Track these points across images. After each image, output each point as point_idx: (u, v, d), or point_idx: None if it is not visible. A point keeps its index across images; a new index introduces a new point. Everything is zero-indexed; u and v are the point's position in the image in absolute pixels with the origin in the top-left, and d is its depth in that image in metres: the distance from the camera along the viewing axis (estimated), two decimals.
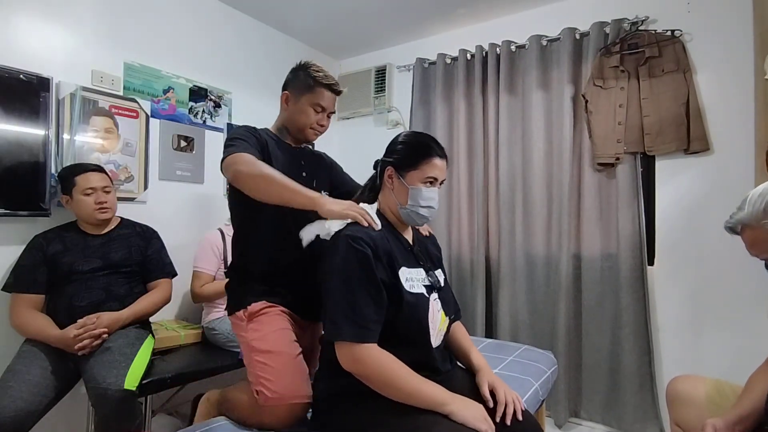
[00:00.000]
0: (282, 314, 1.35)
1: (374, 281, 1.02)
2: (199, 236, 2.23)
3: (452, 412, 0.96)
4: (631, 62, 2.21)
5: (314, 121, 1.43)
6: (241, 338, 1.35)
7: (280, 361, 1.25)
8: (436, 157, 1.15)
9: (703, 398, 1.24)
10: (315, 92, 1.41)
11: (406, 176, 1.15)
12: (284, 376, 1.23)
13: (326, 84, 1.42)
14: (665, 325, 2.21)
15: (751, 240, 1.07)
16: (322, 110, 1.44)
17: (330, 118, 1.49)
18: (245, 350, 1.33)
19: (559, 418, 2.29)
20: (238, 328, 1.37)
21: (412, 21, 2.77)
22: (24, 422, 1.35)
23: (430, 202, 1.15)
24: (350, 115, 3.22)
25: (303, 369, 1.28)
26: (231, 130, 1.43)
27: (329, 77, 1.44)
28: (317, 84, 1.41)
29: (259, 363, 1.25)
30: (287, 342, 1.30)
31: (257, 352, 1.27)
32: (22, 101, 1.70)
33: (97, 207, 1.69)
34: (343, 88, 1.49)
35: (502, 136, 2.58)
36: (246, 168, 1.22)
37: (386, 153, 1.22)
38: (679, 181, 2.18)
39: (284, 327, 1.33)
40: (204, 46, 2.46)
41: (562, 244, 2.35)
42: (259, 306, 1.33)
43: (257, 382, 1.23)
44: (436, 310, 1.14)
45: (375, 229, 1.10)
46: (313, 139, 1.49)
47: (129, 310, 1.68)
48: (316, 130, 1.46)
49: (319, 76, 1.42)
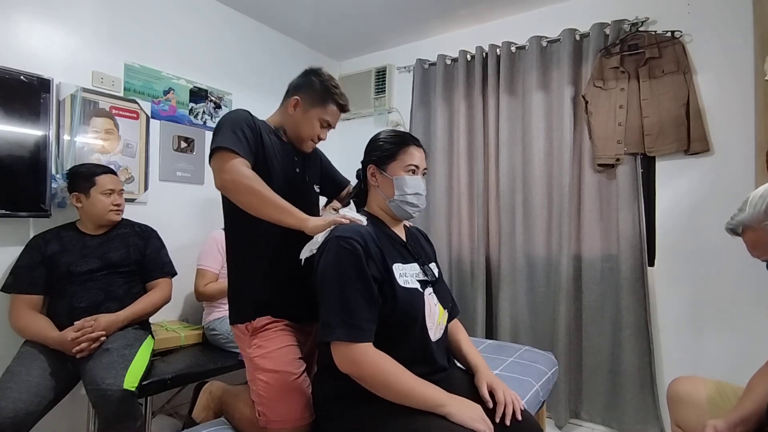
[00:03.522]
0: (286, 329, 1.31)
1: (366, 280, 1.02)
2: (199, 237, 2.23)
3: (450, 413, 0.96)
4: (631, 63, 2.21)
5: (317, 134, 1.40)
6: (244, 352, 1.32)
7: (283, 381, 1.22)
8: (413, 145, 1.19)
9: (703, 399, 1.24)
10: (327, 108, 1.37)
11: (387, 169, 1.17)
12: (287, 400, 1.21)
13: (340, 103, 1.39)
14: (666, 325, 2.20)
15: (752, 241, 1.07)
16: (327, 126, 1.41)
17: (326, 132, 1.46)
18: (248, 365, 1.30)
19: (560, 419, 2.29)
20: (240, 340, 1.33)
21: (412, 22, 2.77)
22: (23, 423, 1.35)
23: (417, 189, 1.16)
24: (350, 116, 3.22)
25: (304, 391, 1.24)
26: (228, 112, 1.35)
27: (344, 96, 1.40)
28: (331, 100, 1.37)
29: (263, 382, 1.23)
30: (291, 360, 1.26)
31: (261, 371, 1.24)
32: (23, 102, 1.70)
33: (113, 209, 1.74)
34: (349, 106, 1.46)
35: (502, 137, 2.58)
36: (236, 181, 1.16)
37: (365, 154, 1.24)
38: (679, 182, 2.18)
39: (289, 344, 1.29)
40: (204, 47, 2.46)
41: (562, 244, 2.35)
42: (264, 321, 1.28)
43: (260, 403, 1.22)
44: (433, 304, 1.14)
45: (362, 224, 1.11)
46: (309, 150, 1.45)
47: (127, 311, 1.67)
48: (315, 142, 1.44)
49: (335, 93, 1.37)
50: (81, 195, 1.71)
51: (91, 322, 1.55)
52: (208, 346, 2.02)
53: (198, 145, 2.41)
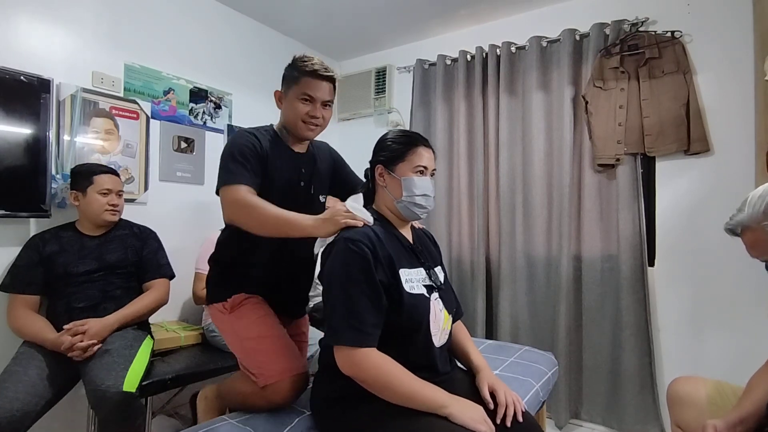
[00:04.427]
0: (262, 302, 1.38)
1: (374, 284, 1.02)
2: (199, 237, 2.23)
3: (451, 414, 0.96)
4: (631, 63, 2.21)
5: (303, 112, 1.32)
6: (225, 328, 1.39)
7: (272, 342, 1.30)
8: (422, 146, 1.18)
9: (703, 399, 1.24)
10: (300, 82, 1.32)
11: (395, 169, 1.17)
12: (279, 355, 1.29)
13: (311, 71, 1.31)
14: (666, 326, 2.20)
15: (752, 242, 1.07)
16: (310, 100, 1.32)
17: (328, 108, 1.37)
18: (233, 339, 1.36)
19: (560, 420, 2.29)
20: (218, 319, 1.39)
21: (412, 22, 2.77)
22: (20, 423, 1.34)
23: (425, 190, 1.16)
24: (350, 116, 3.22)
25: (293, 346, 1.34)
26: (229, 138, 1.35)
27: (315, 63, 1.32)
28: (302, 73, 1.32)
29: (252, 348, 1.30)
30: (273, 325, 1.34)
31: (247, 339, 1.31)
32: (23, 102, 1.70)
33: (109, 209, 1.73)
34: (337, 75, 1.37)
35: (502, 137, 2.58)
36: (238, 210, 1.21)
37: (373, 154, 1.24)
38: (679, 182, 2.18)
39: (267, 313, 1.36)
40: (204, 47, 2.46)
41: (562, 245, 2.34)
42: (240, 298, 1.35)
43: (253, 366, 1.29)
44: (438, 309, 1.13)
45: (369, 224, 1.12)
46: (310, 134, 1.37)
47: (117, 314, 1.65)
48: (309, 123, 1.34)
49: (303, 64, 1.32)
50: (78, 193, 1.71)
51: (83, 329, 1.53)
52: (208, 347, 2.02)
53: (198, 145, 2.41)
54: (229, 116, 2.59)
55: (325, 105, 1.35)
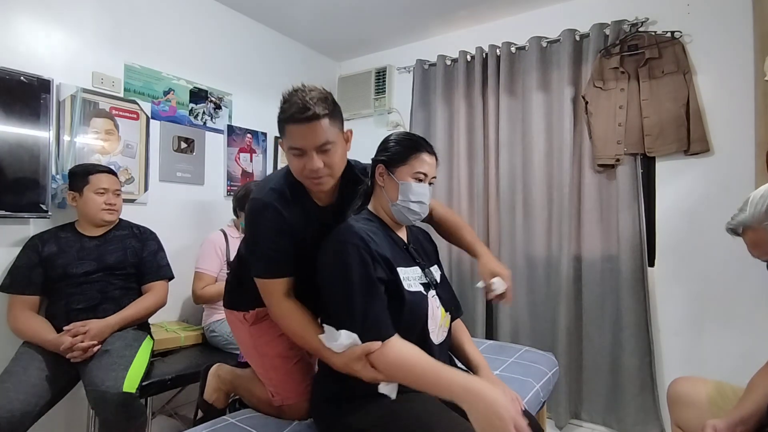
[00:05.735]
0: None
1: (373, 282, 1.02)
2: (199, 238, 2.23)
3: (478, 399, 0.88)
4: (631, 63, 2.21)
5: (298, 170, 1.10)
6: (244, 339, 1.36)
7: (291, 364, 1.31)
8: (425, 152, 1.17)
9: (704, 399, 1.24)
10: (285, 133, 1.09)
11: (395, 172, 1.16)
12: (296, 379, 1.30)
13: (289, 116, 1.05)
14: (666, 326, 2.20)
15: (753, 241, 1.07)
16: (299, 152, 1.07)
17: (327, 152, 1.08)
18: (251, 352, 1.35)
19: (560, 420, 2.29)
20: (236, 327, 1.37)
21: (412, 23, 2.78)
22: (20, 423, 1.35)
23: (421, 197, 1.15)
24: (350, 116, 3.22)
25: (311, 365, 1.35)
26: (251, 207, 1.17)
27: (293, 104, 1.05)
28: (282, 121, 1.09)
29: (271, 366, 1.31)
30: (291, 346, 1.31)
31: (267, 356, 1.31)
32: (23, 103, 1.70)
33: (106, 208, 1.72)
34: (326, 107, 1.07)
35: (502, 138, 2.58)
36: (280, 323, 1.17)
37: (377, 152, 1.23)
38: (679, 182, 2.18)
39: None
40: (204, 47, 2.46)
41: (562, 245, 2.34)
42: (263, 312, 1.30)
43: (271, 383, 1.31)
44: (435, 306, 1.14)
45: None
46: (321, 188, 1.13)
47: (117, 316, 1.65)
48: (312, 178, 1.10)
49: (282, 110, 1.08)
50: (76, 194, 1.71)
51: (83, 330, 1.54)
52: (208, 347, 2.02)
53: (198, 145, 2.41)
54: (229, 116, 2.59)
55: (321, 150, 1.07)
